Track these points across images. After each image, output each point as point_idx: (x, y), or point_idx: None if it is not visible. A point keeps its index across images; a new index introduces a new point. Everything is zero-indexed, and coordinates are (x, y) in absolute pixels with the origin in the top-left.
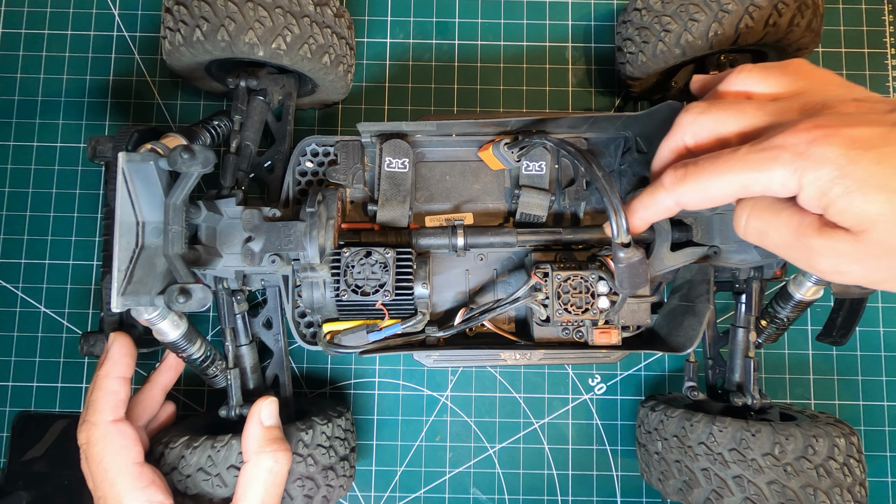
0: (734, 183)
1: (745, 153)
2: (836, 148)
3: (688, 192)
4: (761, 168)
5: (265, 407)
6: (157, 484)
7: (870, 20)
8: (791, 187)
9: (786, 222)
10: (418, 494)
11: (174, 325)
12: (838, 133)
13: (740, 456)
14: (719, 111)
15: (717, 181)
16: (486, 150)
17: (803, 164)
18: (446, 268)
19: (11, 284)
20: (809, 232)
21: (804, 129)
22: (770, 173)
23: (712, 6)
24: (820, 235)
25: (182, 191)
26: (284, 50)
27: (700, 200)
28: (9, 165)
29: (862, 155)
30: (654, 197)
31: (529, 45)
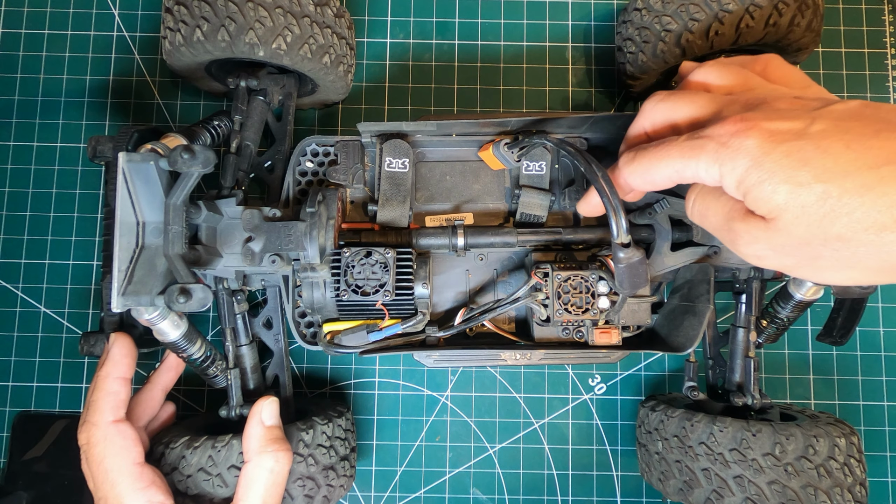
0: (670, 168)
1: (682, 141)
2: (753, 140)
3: (633, 173)
4: (691, 156)
5: (266, 407)
6: (158, 484)
7: (870, 20)
8: (714, 176)
9: (721, 207)
10: (418, 494)
11: (174, 325)
12: (758, 126)
13: (741, 456)
14: (676, 100)
15: (658, 166)
16: (486, 150)
17: (724, 154)
18: (446, 268)
19: (11, 284)
20: (735, 216)
21: (731, 122)
22: (697, 161)
23: (712, 6)
24: (742, 221)
25: (182, 191)
26: (285, 50)
27: (644, 182)
28: (9, 165)
29: (775, 147)
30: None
31: (529, 45)
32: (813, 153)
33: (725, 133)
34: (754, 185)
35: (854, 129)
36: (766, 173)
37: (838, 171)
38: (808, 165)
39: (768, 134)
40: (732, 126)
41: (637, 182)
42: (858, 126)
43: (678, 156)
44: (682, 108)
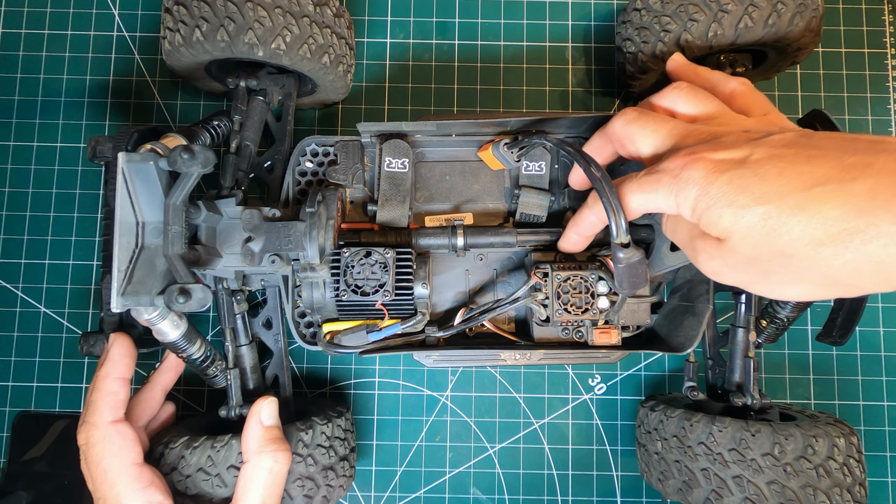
0: (635, 202)
1: (641, 177)
2: (699, 171)
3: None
4: (650, 191)
5: (265, 407)
6: (157, 484)
7: (870, 20)
8: (672, 206)
9: (685, 227)
10: (418, 494)
11: (174, 325)
12: (704, 157)
13: (740, 456)
14: (641, 126)
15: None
16: (485, 150)
17: (676, 186)
18: (446, 268)
19: (11, 284)
20: (696, 236)
21: (681, 156)
22: (656, 195)
23: (711, 6)
24: (701, 240)
25: (182, 191)
26: (284, 50)
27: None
28: (9, 165)
29: (718, 176)
30: (580, 215)
31: (529, 45)
32: (752, 179)
33: (676, 167)
34: (704, 210)
35: (787, 157)
36: (712, 199)
37: (774, 193)
38: (747, 191)
39: (713, 164)
40: (682, 160)
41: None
42: (791, 154)
43: (639, 191)
44: (646, 136)
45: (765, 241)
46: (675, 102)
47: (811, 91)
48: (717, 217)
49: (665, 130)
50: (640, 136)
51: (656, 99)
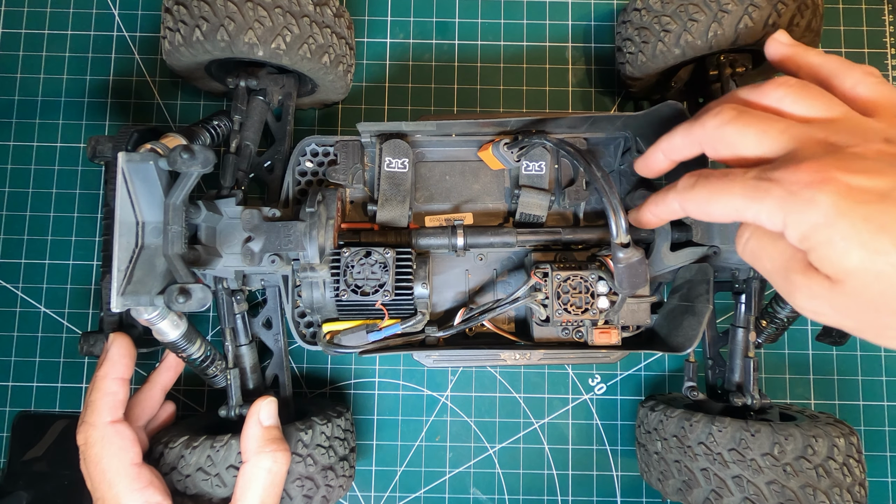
0: (729, 206)
1: (748, 178)
2: (828, 196)
3: (692, 201)
4: (754, 198)
5: (264, 407)
6: (156, 485)
7: (870, 20)
8: (777, 223)
9: (779, 253)
10: (418, 494)
11: (174, 325)
12: (836, 180)
13: (740, 456)
14: (745, 126)
15: (718, 200)
16: (485, 150)
17: (792, 204)
18: (446, 268)
19: (11, 284)
20: (795, 267)
21: (805, 169)
22: (759, 205)
23: (712, 6)
24: (802, 274)
25: (182, 191)
26: (284, 50)
27: (701, 213)
28: (9, 165)
29: (853, 208)
30: (665, 196)
31: (529, 45)
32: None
33: (798, 182)
34: (822, 243)
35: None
36: (838, 234)
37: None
38: (887, 232)
39: (847, 191)
40: (806, 175)
41: (694, 210)
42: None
43: (741, 194)
44: (751, 138)
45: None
46: (780, 101)
47: None
48: (840, 255)
49: (775, 132)
50: (741, 138)
51: (753, 95)
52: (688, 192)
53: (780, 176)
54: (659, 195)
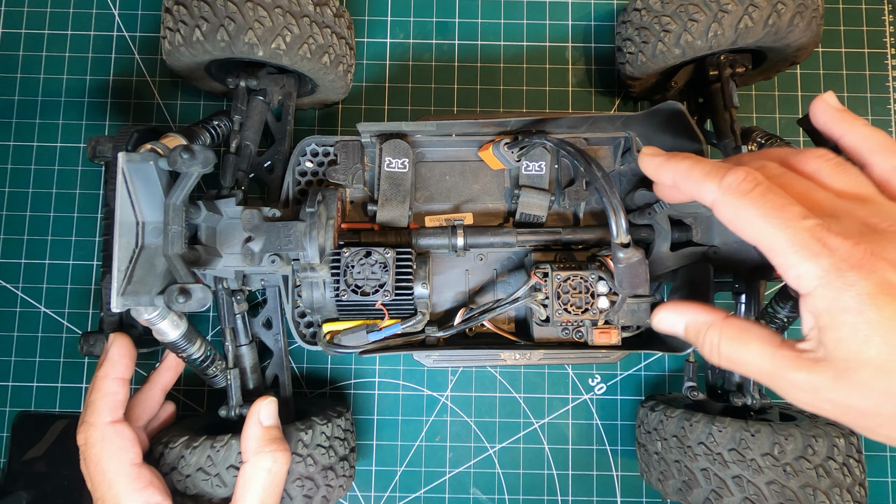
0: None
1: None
2: (868, 284)
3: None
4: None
5: (264, 407)
6: (155, 485)
7: (870, 20)
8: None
9: (761, 351)
10: (418, 494)
11: (174, 325)
12: (879, 271)
13: (739, 456)
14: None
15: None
16: (486, 150)
17: (833, 278)
18: (446, 268)
19: (11, 284)
20: (784, 364)
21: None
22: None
23: (711, 6)
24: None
25: (182, 191)
26: (284, 50)
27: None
28: (9, 165)
29: (889, 304)
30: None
31: (529, 45)
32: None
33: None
34: (844, 326)
35: None
36: (864, 322)
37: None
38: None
39: (888, 286)
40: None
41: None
42: None
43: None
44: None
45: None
46: (819, 169)
47: (811, 91)
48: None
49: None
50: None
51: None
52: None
53: (836, 245)
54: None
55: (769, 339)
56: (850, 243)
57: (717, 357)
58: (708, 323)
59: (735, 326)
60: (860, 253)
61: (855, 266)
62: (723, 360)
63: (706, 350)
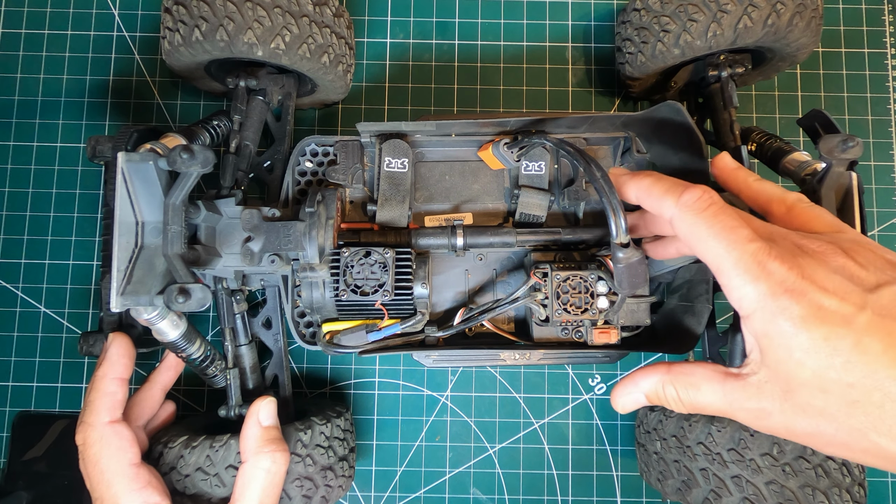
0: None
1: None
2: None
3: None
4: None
5: (263, 407)
6: (154, 485)
7: (870, 20)
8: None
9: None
10: (418, 494)
11: (173, 324)
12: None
13: (738, 456)
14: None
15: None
16: (485, 150)
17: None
18: (446, 268)
19: (11, 284)
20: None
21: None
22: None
23: (711, 6)
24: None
25: (181, 191)
26: (283, 49)
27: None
28: (9, 165)
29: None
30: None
31: (529, 45)
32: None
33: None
34: (780, 349)
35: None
36: (797, 346)
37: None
38: (841, 356)
39: (816, 309)
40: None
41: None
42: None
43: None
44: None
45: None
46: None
47: (811, 91)
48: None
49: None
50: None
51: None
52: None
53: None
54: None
55: (713, 375)
56: (785, 267)
57: (684, 407)
58: (659, 381)
59: (681, 373)
60: (794, 277)
61: (788, 290)
62: (687, 408)
63: (673, 405)
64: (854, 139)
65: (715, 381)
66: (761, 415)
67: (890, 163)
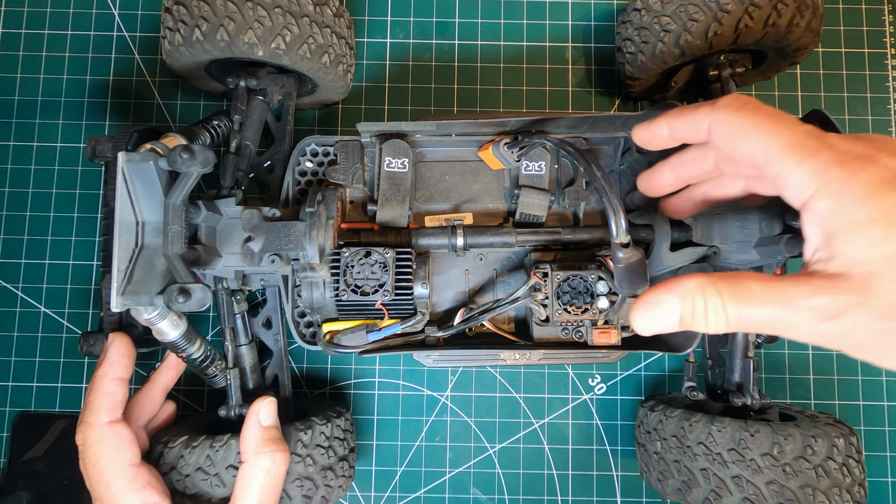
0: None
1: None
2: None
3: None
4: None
5: (263, 407)
6: (154, 485)
7: (870, 20)
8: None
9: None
10: (418, 494)
11: (174, 324)
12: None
13: (739, 456)
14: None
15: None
16: (485, 150)
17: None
18: (446, 268)
19: (11, 284)
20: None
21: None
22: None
23: (711, 6)
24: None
25: (181, 191)
26: (284, 49)
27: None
28: (9, 165)
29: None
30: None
31: (529, 45)
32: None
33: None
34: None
35: None
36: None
37: None
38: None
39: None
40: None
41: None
42: None
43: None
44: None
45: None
46: None
47: (811, 91)
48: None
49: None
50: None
51: None
52: (730, 111)
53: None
54: (687, 108)
55: (766, 277)
56: (848, 139)
57: (726, 321)
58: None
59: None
60: (860, 146)
61: (857, 157)
62: (732, 322)
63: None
64: None
65: (770, 282)
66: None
67: None
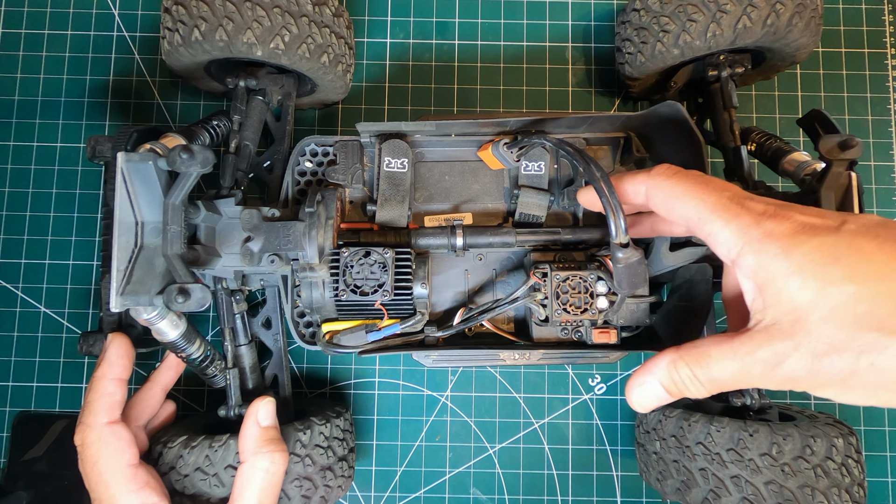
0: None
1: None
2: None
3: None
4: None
5: (262, 407)
6: (152, 486)
7: (870, 20)
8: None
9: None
10: (418, 494)
11: (173, 324)
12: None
13: (738, 456)
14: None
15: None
16: (485, 150)
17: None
18: (445, 268)
19: (11, 284)
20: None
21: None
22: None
23: (710, 6)
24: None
25: (181, 191)
26: (283, 49)
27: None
28: (9, 165)
29: (807, 240)
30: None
31: (529, 45)
32: (846, 251)
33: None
34: (779, 276)
35: (883, 234)
36: (795, 265)
37: (871, 272)
38: (839, 262)
39: (801, 226)
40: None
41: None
42: (886, 232)
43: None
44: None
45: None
46: None
47: (811, 91)
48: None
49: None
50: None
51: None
52: (662, 179)
53: (752, 205)
54: (628, 175)
55: (721, 339)
56: (763, 202)
57: (703, 386)
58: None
59: (690, 348)
60: (773, 206)
61: (771, 216)
62: (706, 386)
63: (692, 388)
64: (854, 139)
65: (724, 343)
66: (776, 362)
67: (890, 163)
